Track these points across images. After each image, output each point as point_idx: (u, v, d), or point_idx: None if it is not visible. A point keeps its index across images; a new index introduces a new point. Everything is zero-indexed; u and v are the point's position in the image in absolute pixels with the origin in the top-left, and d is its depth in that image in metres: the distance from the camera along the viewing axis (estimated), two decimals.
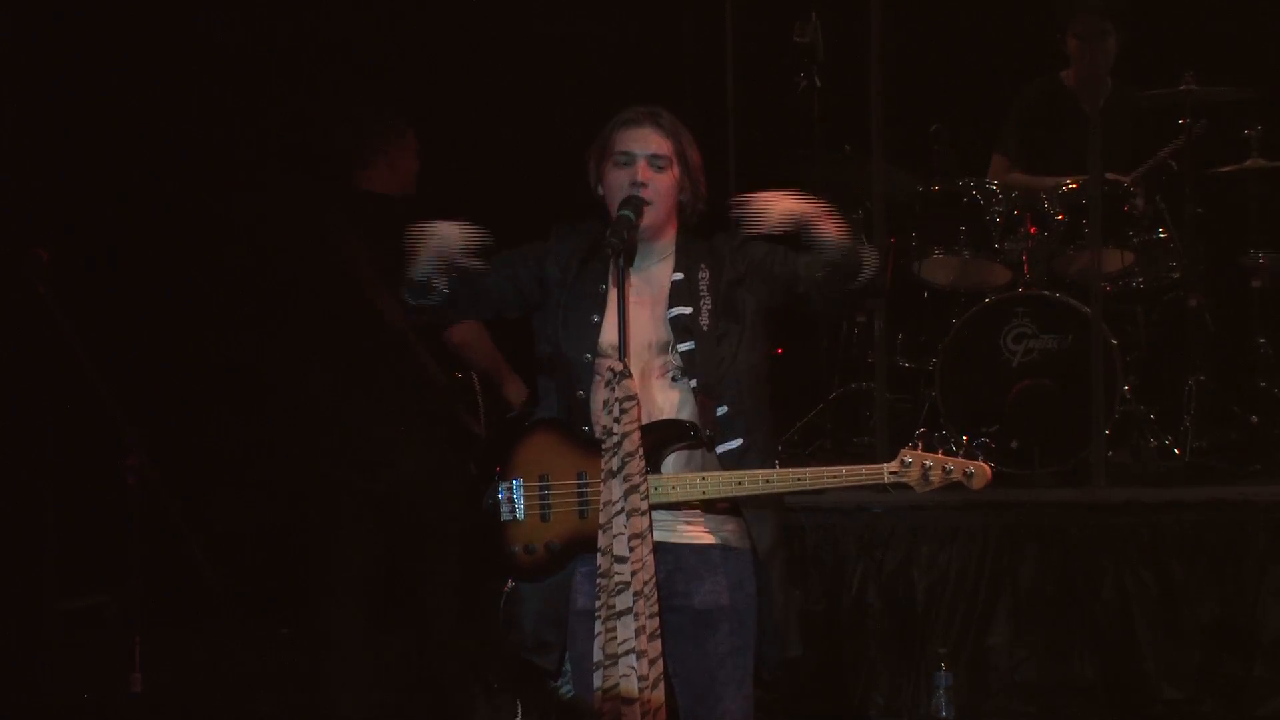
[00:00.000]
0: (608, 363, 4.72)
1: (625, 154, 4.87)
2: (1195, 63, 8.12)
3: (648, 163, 4.86)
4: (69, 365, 7.14)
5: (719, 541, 4.85)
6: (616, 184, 4.87)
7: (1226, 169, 8.26)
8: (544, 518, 4.83)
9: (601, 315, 4.85)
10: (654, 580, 4.67)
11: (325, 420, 6.66)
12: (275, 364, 7.28)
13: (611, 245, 4.73)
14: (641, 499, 4.67)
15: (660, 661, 4.68)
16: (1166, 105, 8.09)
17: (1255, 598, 7.06)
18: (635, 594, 4.63)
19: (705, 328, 4.84)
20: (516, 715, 5.86)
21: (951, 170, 8.22)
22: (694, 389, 4.81)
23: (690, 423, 4.80)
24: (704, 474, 4.77)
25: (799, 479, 4.75)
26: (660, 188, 4.86)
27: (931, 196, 8.16)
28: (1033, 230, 8.00)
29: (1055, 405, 7.75)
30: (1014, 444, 7.77)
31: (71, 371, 7.16)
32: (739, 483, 4.75)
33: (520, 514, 4.83)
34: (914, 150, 8.36)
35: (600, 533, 4.69)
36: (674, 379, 4.84)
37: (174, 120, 9.17)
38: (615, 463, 4.67)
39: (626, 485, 4.65)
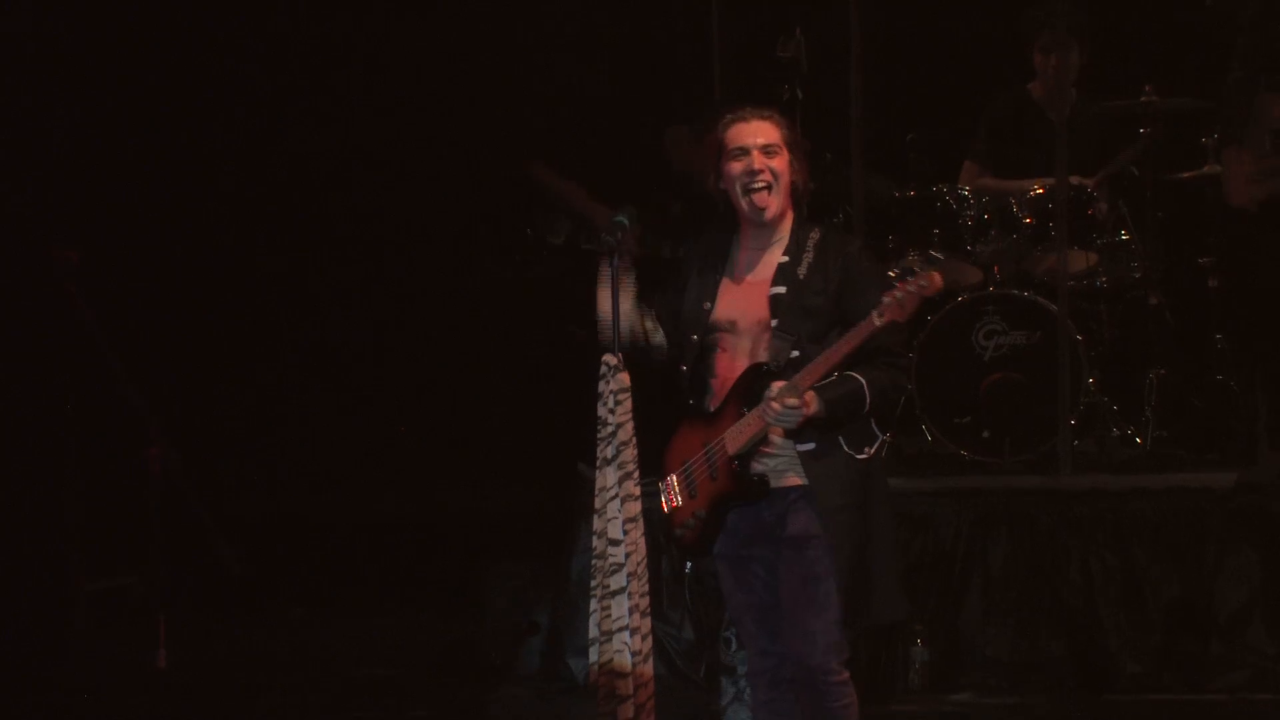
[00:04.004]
0: (604, 356, 4.93)
1: (740, 148, 5.13)
2: (1155, 75, 8.16)
3: (761, 151, 5.13)
4: (97, 361, 7.34)
5: (808, 483, 5.08)
6: (733, 174, 5.15)
7: (1185, 175, 8.26)
8: (692, 495, 5.10)
9: (713, 302, 5.13)
10: (646, 560, 4.85)
11: None
12: None
13: (606, 244, 4.93)
14: (636, 484, 4.85)
15: (651, 637, 4.86)
16: (1128, 115, 8.09)
17: (1213, 579, 7.16)
18: (630, 575, 4.82)
19: (800, 278, 5.11)
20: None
21: (926, 176, 8.24)
22: (774, 327, 5.07)
23: (763, 363, 5.06)
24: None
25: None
26: (777, 169, 5.12)
27: (907, 201, 8.17)
28: (1002, 233, 8.02)
29: (1024, 397, 7.81)
30: (985, 434, 7.82)
31: (99, 367, 7.35)
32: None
33: (679, 500, 5.13)
34: (891, 158, 8.37)
35: (595, 517, 4.86)
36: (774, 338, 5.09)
37: (205, 122, 9.21)
38: (610, 451, 4.85)
39: (621, 472, 4.85)
